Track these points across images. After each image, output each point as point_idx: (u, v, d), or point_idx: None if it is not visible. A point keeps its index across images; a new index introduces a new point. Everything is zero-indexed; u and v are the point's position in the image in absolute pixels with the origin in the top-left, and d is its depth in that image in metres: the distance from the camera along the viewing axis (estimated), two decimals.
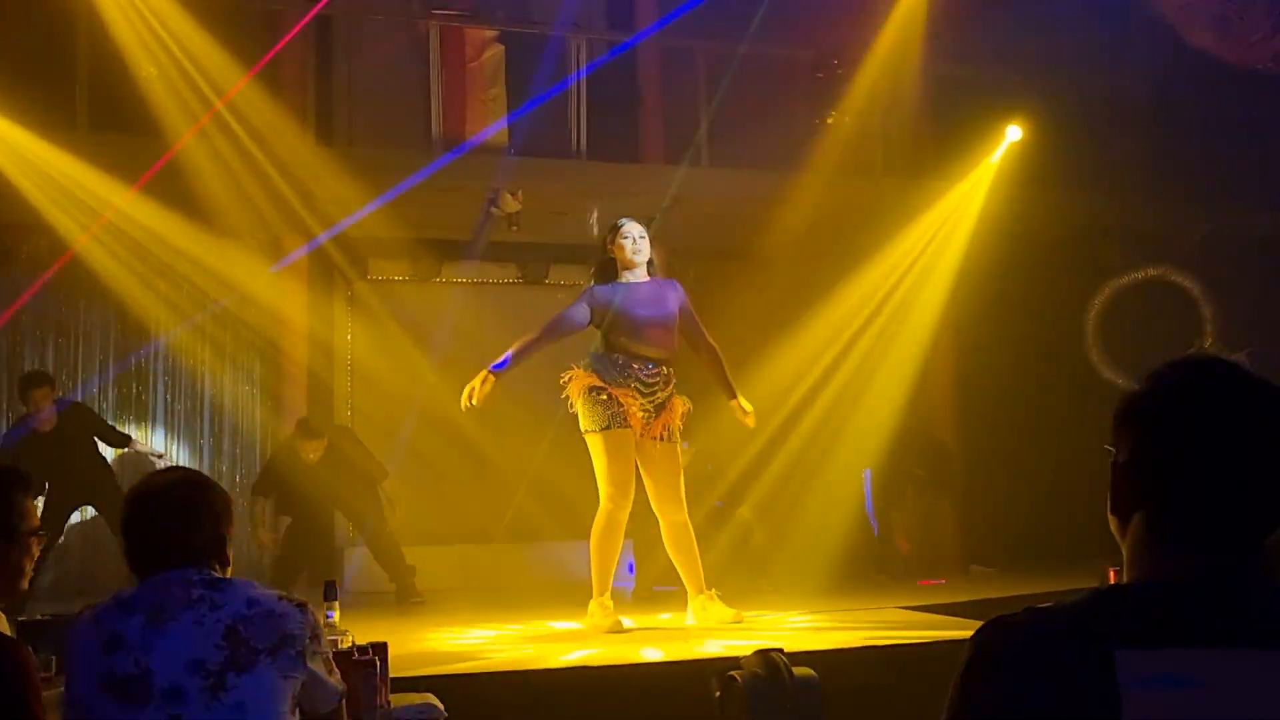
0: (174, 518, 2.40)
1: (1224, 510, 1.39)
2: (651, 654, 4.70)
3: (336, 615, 3.16)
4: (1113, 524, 1.48)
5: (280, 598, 2.38)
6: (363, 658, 2.93)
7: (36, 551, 2.85)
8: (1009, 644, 1.36)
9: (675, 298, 5.64)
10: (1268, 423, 1.40)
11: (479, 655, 4.82)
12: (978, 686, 1.37)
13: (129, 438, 7.81)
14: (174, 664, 2.26)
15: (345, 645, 3.06)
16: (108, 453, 7.78)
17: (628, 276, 5.60)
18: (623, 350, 5.50)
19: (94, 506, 7.73)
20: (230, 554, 2.47)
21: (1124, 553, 1.45)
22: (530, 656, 4.77)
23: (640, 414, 5.46)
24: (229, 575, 2.46)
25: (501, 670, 4.38)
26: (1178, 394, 1.43)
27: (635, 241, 5.59)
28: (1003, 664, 1.35)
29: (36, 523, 2.85)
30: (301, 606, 2.39)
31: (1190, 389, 1.43)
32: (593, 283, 5.68)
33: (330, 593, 3.18)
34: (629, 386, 5.45)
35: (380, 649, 3.12)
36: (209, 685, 2.25)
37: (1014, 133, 8.74)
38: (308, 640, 2.35)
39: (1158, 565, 1.41)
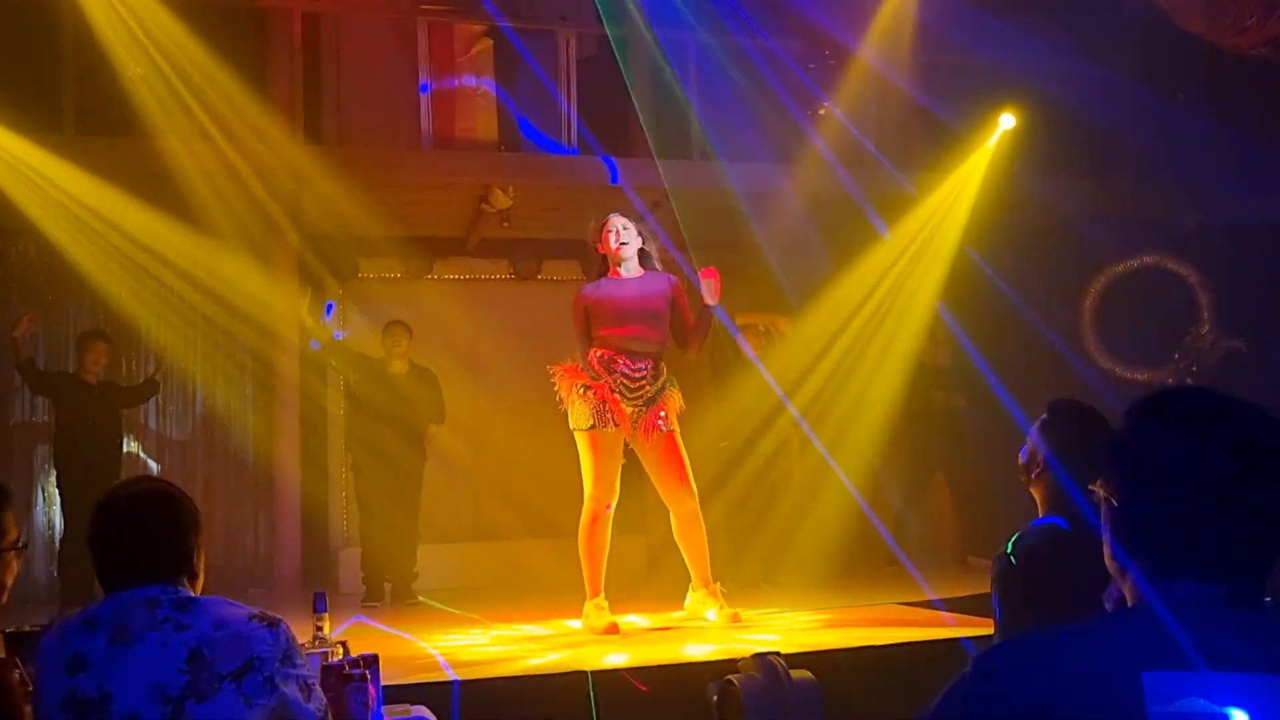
0: (140, 533, 2.34)
1: (1226, 542, 1.37)
2: (649, 657, 4.66)
3: (326, 627, 3.10)
4: (1113, 569, 1.45)
5: (251, 617, 2.30)
6: (353, 671, 2.88)
7: (17, 566, 2.81)
8: (1025, 669, 1.33)
9: (665, 291, 5.58)
10: (1255, 447, 1.38)
11: (473, 661, 4.78)
12: (987, 714, 1.33)
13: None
14: (135, 689, 2.20)
15: (335, 658, 3.01)
16: None
17: (618, 271, 5.57)
18: (607, 345, 5.46)
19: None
20: (200, 566, 2.41)
21: (1128, 588, 1.42)
22: (526, 662, 4.72)
23: (629, 410, 5.42)
24: (199, 589, 2.39)
25: (496, 677, 4.34)
26: (1161, 430, 1.42)
27: (619, 233, 5.56)
28: (1020, 690, 1.32)
29: (16, 535, 2.81)
30: (273, 626, 2.31)
31: (1173, 423, 1.41)
32: (583, 287, 5.66)
33: (319, 604, 3.12)
34: (614, 385, 5.41)
35: (370, 661, 3.07)
36: (169, 713, 2.19)
37: (1007, 120, 8.68)
38: (278, 663, 2.27)
39: (1168, 599, 1.38)
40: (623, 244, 5.55)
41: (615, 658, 4.66)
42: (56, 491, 7.88)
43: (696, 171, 8.53)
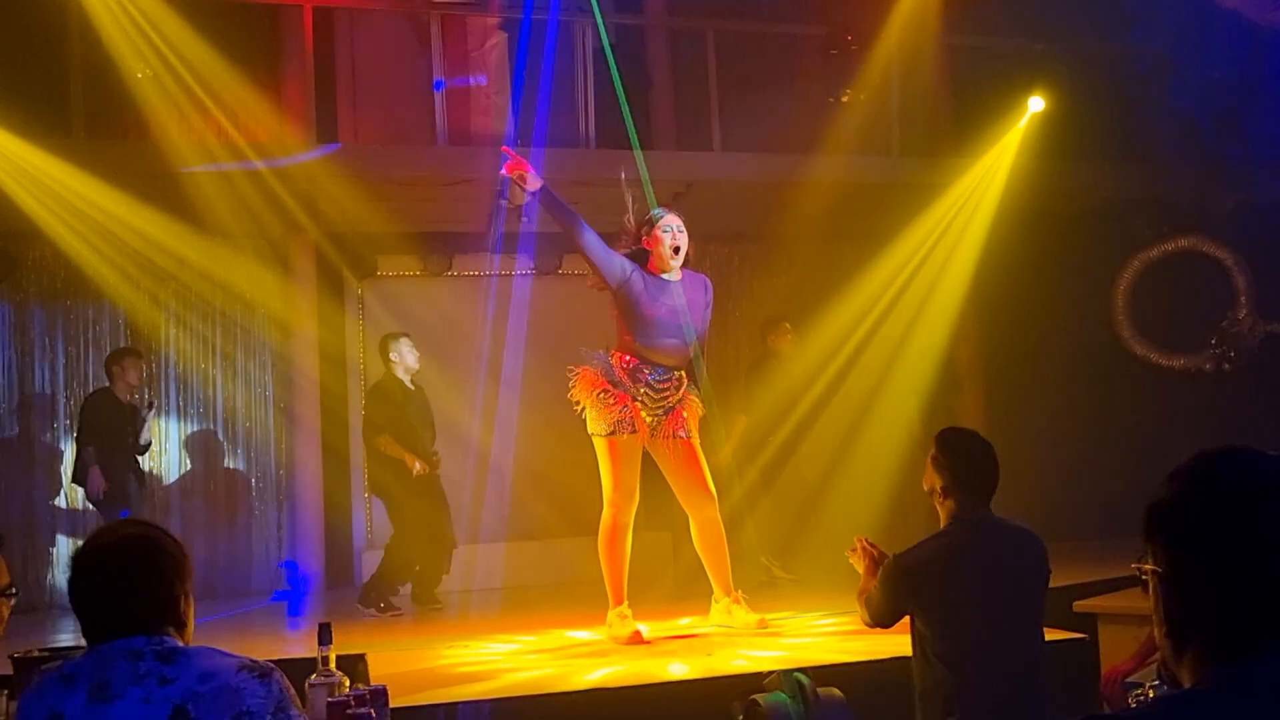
0: (122, 582, 2.18)
1: None
2: (672, 670, 4.53)
3: (332, 660, 2.98)
4: (1166, 648, 1.30)
5: (241, 668, 2.15)
6: (359, 710, 2.76)
7: (6, 611, 2.71)
8: None
9: (705, 307, 5.43)
10: None
11: (491, 675, 4.65)
12: None
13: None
14: None
15: (341, 693, 2.89)
16: None
17: (661, 272, 5.36)
18: (636, 354, 5.32)
19: None
20: (189, 615, 2.26)
21: (1185, 669, 1.28)
22: (545, 677, 4.59)
23: (648, 419, 5.30)
24: (188, 638, 2.24)
25: (514, 695, 4.20)
26: (1212, 495, 1.30)
27: (675, 236, 5.31)
28: None
29: (6, 580, 2.71)
30: (265, 676, 2.15)
31: (1225, 487, 1.30)
32: (636, 266, 5.34)
33: (325, 636, 3.00)
34: (637, 393, 5.28)
35: (379, 695, 2.95)
36: None
37: (1036, 104, 8.45)
38: (270, 716, 2.12)
39: (1234, 676, 1.24)
40: (677, 249, 5.27)
41: (638, 671, 4.52)
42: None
43: (718, 163, 8.37)
